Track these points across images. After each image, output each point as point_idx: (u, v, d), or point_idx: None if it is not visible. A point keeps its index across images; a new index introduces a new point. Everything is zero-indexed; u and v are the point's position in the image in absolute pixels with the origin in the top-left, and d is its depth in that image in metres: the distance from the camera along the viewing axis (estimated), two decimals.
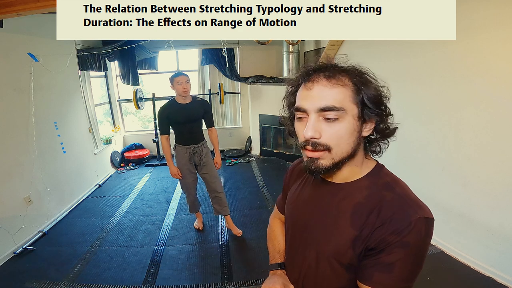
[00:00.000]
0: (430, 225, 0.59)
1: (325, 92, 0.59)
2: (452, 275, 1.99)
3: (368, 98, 0.60)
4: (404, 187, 0.65)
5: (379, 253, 0.60)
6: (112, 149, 4.70)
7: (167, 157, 2.38)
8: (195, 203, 2.65)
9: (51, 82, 3.11)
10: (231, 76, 5.09)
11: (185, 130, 2.36)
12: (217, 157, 2.50)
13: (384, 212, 0.60)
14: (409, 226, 0.57)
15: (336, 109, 0.58)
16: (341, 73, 0.61)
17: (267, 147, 5.06)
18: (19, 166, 2.58)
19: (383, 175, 0.67)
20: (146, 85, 5.91)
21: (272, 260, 0.90)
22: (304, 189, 0.79)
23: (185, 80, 2.24)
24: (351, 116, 0.60)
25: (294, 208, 0.80)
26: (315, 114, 0.60)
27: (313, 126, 0.60)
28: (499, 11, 1.68)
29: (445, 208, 2.19)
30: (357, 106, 0.60)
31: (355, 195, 0.66)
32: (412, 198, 0.62)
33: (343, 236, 0.64)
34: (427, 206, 0.61)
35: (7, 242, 2.35)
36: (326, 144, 0.60)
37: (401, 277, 0.59)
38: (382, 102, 0.63)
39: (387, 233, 0.58)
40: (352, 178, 0.68)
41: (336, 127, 0.59)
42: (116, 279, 2.09)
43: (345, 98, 0.59)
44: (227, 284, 2.02)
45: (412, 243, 0.57)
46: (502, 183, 1.80)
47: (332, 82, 0.60)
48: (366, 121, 0.62)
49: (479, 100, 1.88)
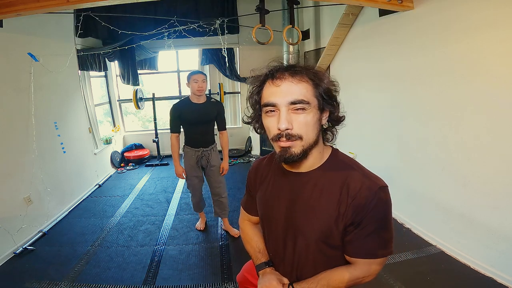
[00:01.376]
0: (387, 192, 0.70)
1: (292, 87, 0.67)
2: (452, 275, 1.99)
3: (324, 91, 0.70)
4: (359, 165, 0.75)
5: (356, 227, 0.70)
6: (112, 149, 4.70)
7: (175, 156, 2.34)
8: (200, 203, 2.65)
9: (51, 82, 3.11)
10: (231, 76, 5.09)
11: (196, 131, 2.32)
12: (224, 162, 2.45)
13: (352, 189, 0.69)
14: (375, 195, 0.67)
15: (304, 102, 0.66)
16: (301, 71, 0.69)
17: (267, 147, 5.06)
18: (19, 166, 2.58)
19: (341, 157, 0.78)
20: (146, 85, 5.92)
21: (256, 260, 0.92)
22: (274, 185, 0.84)
23: (202, 79, 2.21)
24: (314, 107, 0.68)
25: (269, 205, 0.84)
26: (285, 108, 0.67)
27: (286, 119, 0.66)
28: (499, 11, 1.68)
29: (445, 208, 2.19)
30: (317, 99, 0.69)
31: (324, 179, 0.74)
32: (369, 173, 0.73)
33: (325, 218, 0.72)
34: (380, 177, 0.72)
35: (7, 242, 2.35)
36: (298, 133, 0.67)
37: (381, 244, 0.71)
38: (334, 95, 0.73)
39: (360, 206, 0.68)
40: (317, 165, 0.76)
41: (304, 117, 0.67)
42: (116, 279, 2.09)
43: (308, 92, 0.67)
44: (227, 284, 2.02)
45: (380, 211, 0.68)
46: (502, 183, 1.79)
47: (297, 79, 0.67)
48: (323, 112, 0.72)
49: (479, 100, 1.88)
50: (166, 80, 5.87)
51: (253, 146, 5.32)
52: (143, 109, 4.85)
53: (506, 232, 1.80)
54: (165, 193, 3.66)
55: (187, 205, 3.26)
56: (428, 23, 2.18)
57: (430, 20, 2.16)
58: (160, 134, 4.91)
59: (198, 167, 2.42)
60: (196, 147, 2.35)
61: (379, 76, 2.80)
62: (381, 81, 2.77)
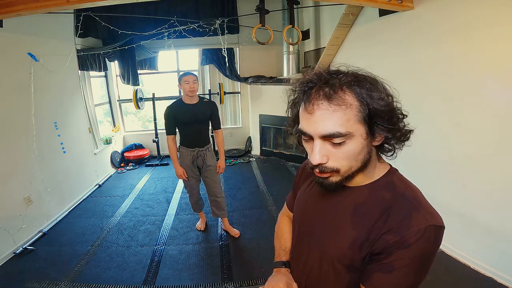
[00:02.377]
0: (440, 233, 0.57)
1: (326, 117, 0.55)
2: (452, 275, 1.99)
3: (375, 112, 0.56)
4: (416, 193, 0.63)
5: (384, 259, 0.58)
6: (112, 149, 4.70)
7: (173, 157, 2.36)
8: (198, 202, 2.65)
9: (51, 82, 3.11)
10: (231, 76, 5.09)
11: (191, 131, 2.34)
12: (221, 161, 2.46)
13: (392, 218, 0.58)
14: (418, 233, 0.55)
15: (341, 135, 0.55)
16: (342, 89, 0.55)
17: (267, 147, 5.06)
18: (19, 166, 2.58)
19: (395, 180, 0.65)
20: (146, 85, 5.92)
21: (277, 257, 0.90)
22: (314, 188, 0.77)
23: (193, 79, 2.23)
24: (359, 136, 0.56)
25: (303, 207, 0.80)
26: (319, 140, 0.57)
27: (319, 152, 0.57)
28: (499, 10, 1.68)
29: (445, 208, 2.19)
30: (364, 124, 0.56)
31: (365, 199, 0.64)
32: (424, 205, 0.59)
33: (349, 239, 0.63)
34: (438, 214, 0.59)
35: (7, 242, 2.35)
36: (334, 167, 0.59)
37: (404, 283, 0.58)
38: (392, 113, 0.58)
39: (394, 239, 0.56)
40: (365, 182, 0.66)
41: (343, 149, 0.57)
42: (116, 279, 2.09)
43: (350, 119, 0.55)
44: (227, 284, 2.02)
45: (419, 250, 0.56)
46: (502, 183, 1.79)
47: (334, 104, 0.54)
48: (374, 135, 0.59)
49: (479, 99, 1.87)
50: (166, 80, 5.86)
51: (253, 146, 5.31)
52: (143, 109, 4.84)
53: (506, 232, 1.80)
54: (165, 193, 3.66)
55: (187, 205, 3.26)
56: (428, 23, 2.18)
57: (430, 20, 2.16)
58: (160, 134, 4.91)
59: (194, 166, 2.43)
60: (191, 147, 2.36)
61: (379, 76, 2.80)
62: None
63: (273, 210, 3.06)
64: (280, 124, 4.70)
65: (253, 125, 5.21)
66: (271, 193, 3.51)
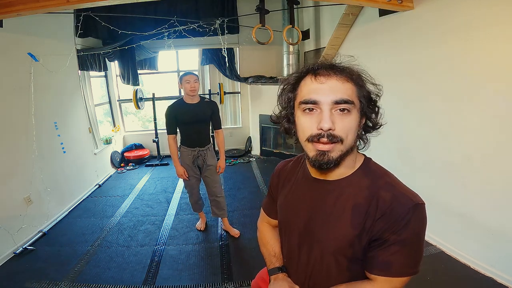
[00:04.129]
0: (424, 209, 0.64)
1: (338, 86, 0.63)
2: (452, 275, 1.99)
3: (366, 94, 0.66)
4: (393, 178, 0.70)
5: (384, 243, 0.63)
6: (112, 149, 4.70)
7: (174, 157, 2.36)
8: (198, 202, 2.65)
9: (51, 82, 3.11)
10: (231, 76, 5.09)
11: (191, 131, 2.34)
12: (221, 160, 2.45)
13: (382, 203, 0.64)
14: (409, 213, 0.61)
15: (349, 102, 0.62)
16: (346, 71, 0.65)
17: (267, 147, 5.06)
18: (19, 166, 2.58)
19: (374, 168, 0.72)
20: (146, 85, 5.92)
21: (270, 264, 0.89)
22: (297, 190, 0.80)
23: (193, 79, 2.23)
24: (357, 110, 0.64)
25: (290, 210, 0.80)
26: (328, 106, 0.62)
27: (330, 118, 0.61)
28: (499, 9, 1.68)
29: (445, 208, 2.19)
30: (360, 102, 0.65)
31: (351, 189, 0.68)
32: (404, 187, 0.67)
33: (346, 231, 0.66)
34: (416, 193, 0.66)
35: (7, 242, 2.35)
36: (340, 135, 0.62)
37: (408, 263, 0.64)
38: (376, 99, 0.69)
39: (390, 222, 0.62)
40: (347, 174, 0.70)
41: (347, 119, 0.63)
42: (116, 279, 2.09)
43: (353, 93, 0.64)
44: (227, 284, 2.02)
45: (412, 228, 0.62)
46: (502, 183, 1.79)
47: (343, 78, 0.63)
48: (362, 116, 0.67)
49: (479, 99, 1.87)
50: (166, 80, 5.87)
51: (253, 146, 5.31)
52: (143, 109, 4.84)
53: (506, 232, 1.80)
54: (165, 193, 3.66)
55: (187, 205, 3.26)
56: (428, 23, 2.18)
57: (430, 20, 2.16)
58: (160, 134, 4.90)
59: (195, 166, 2.43)
60: (192, 147, 2.36)
61: (379, 76, 2.80)
62: (381, 81, 2.76)
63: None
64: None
65: (253, 125, 5.21)
66: None
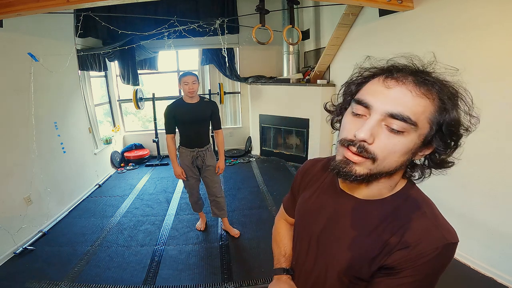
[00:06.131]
0: (454, 249, 0.56)
1: (407, 97, 0.50)
2: (452, 275, 1.99)
3: (448, 123, 0.52)
4: (433, 208, 0.60)
5: (397, 274, 0.56)
6: (112, 149, 4.70)
7: (172, 157, 2.35)
8: (198, 202, 2.65)
9: (51, 82, 3.11)
10: (231, 76, 5.09)
11: (191, 131, 2.32)
12: (220, 161, 2.44)
13: (410, 234, 0.56)
14: (435, 251, 0.53)
15: (408, 122, 0.49)
16: (433, 84, 0.52)
17: (267, 147, 5.06)
18: (19, 166, 2.58)
19: (414, 195, 0.61)
20: (146, 85, 5.92)
21: (277, 263, 0.86)
22: (320, 196, 0.73)
23: (192, 80, 2.21)
24: (417, 135, 0.51)
25: (307, 215, 0.75)
26: (378, 116, 0.51)
27: (371, 128, 0.51)
28: (499, 8, 1.68)
29: (445, 208, 2.17)
30: (430, 127, 0.52)
31: (379, 212, 0.60)
32: (441, 222, 0.57)
33: (359, 254, 0.61)
34: (453, 229, 0.57)
35: (7, 242, 2.35)
36: (374, 153, 0.52)
37: None
38: (460, 133, 0.56)
39: (412, 255, 0.55)
40: (379, 196, 0.61)
41: (396, 139, 0.51)
42: (116, 279, 2.09)
43: (424, 113, 0.50)
44: (227, 284, 2.02)
45: (433, 267, 0.55)
46: (502, 183, 1.79)
47: (420, 90, 0.50)
48: (426, 145, 0.54)
49: (480, 99, 1.86)
50: (166, 80, 5.86)
51: (253, 146, 5.31)
52: (143, 109, 4.84)
53: (506, 232, 1.80)
54: (165, 193, 3.66)
55: (187, 205, 3.26)
56: (428, 23, 2.18)
57: (430, 20, 2.16)
58: (160, 134, 4.91)
59: (194, 167, 2.43)
60: (191, 148, 2.35)
61: None
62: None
63: (273, 210, 3.06)
64: (280, 124, 4.71)
65: (253, 125, 5.21)
66: (271, 193, 3.51)
